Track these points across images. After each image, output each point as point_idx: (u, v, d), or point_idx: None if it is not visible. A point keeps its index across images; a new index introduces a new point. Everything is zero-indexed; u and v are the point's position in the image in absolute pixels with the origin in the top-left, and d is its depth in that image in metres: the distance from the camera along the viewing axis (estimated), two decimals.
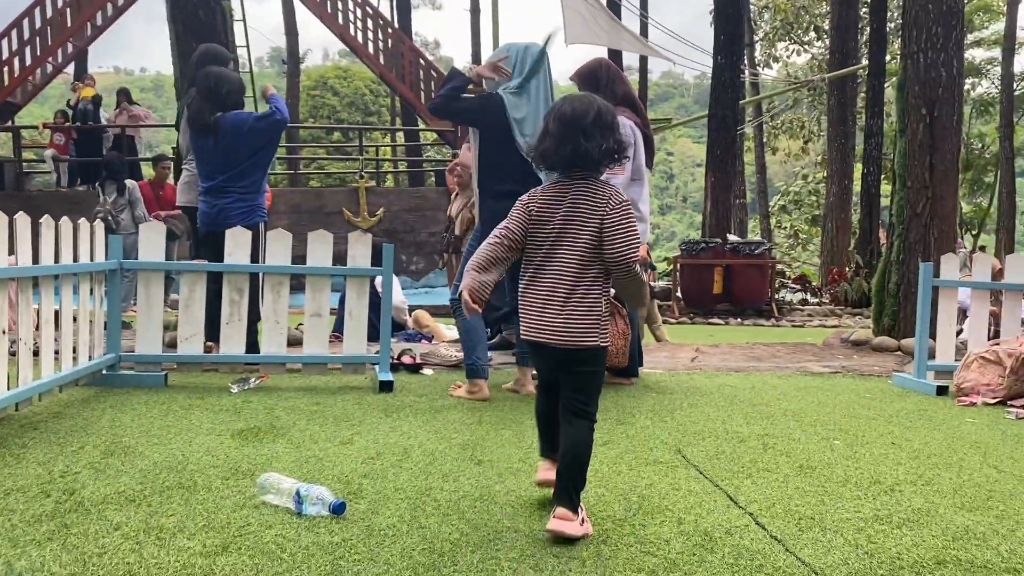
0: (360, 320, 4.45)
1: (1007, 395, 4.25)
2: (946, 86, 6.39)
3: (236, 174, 4.74)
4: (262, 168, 4.94)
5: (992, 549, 2.05)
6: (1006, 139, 26.44)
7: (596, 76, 4.45)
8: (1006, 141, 26.46)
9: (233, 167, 4.72)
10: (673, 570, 1.86)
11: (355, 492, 2.40)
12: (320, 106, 40.08)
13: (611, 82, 4.44)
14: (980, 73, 30.72)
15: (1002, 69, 27.51)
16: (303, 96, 37.23)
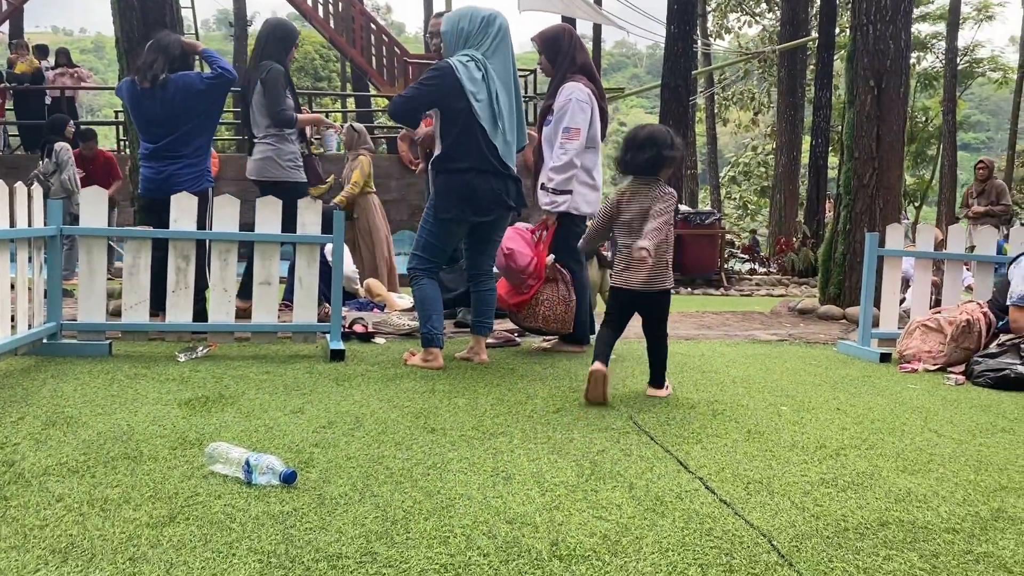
0: (311, 289, 4.38)
1: (947, 362, 4.37)
2: (894, 58, 6.48)
3: (183, 137, 4.61)
4: (209, 131, 4.81)
5: (932, 510, 2.11)
6: (949, 113, 27.04)
7: (559, 42, 4.44)
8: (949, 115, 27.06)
9: (180, 129, 4.59)
10: (625, 534, 1.88)
11: (306, 461, 2.37)
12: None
13: (572, 49, 4.43)
14: (925, 47, 31.26)
15: (946, 43, 28.03)
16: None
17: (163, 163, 4.62)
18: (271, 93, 4.95)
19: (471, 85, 3.85)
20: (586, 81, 4.37)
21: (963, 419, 3.23)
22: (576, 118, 4.26)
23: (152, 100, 4.56)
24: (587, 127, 4.32)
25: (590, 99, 4.33)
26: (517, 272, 4.28)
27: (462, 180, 3.90)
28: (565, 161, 4.25)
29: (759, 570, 1.71)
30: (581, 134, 4.28)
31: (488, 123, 3.89)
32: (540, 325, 4.42)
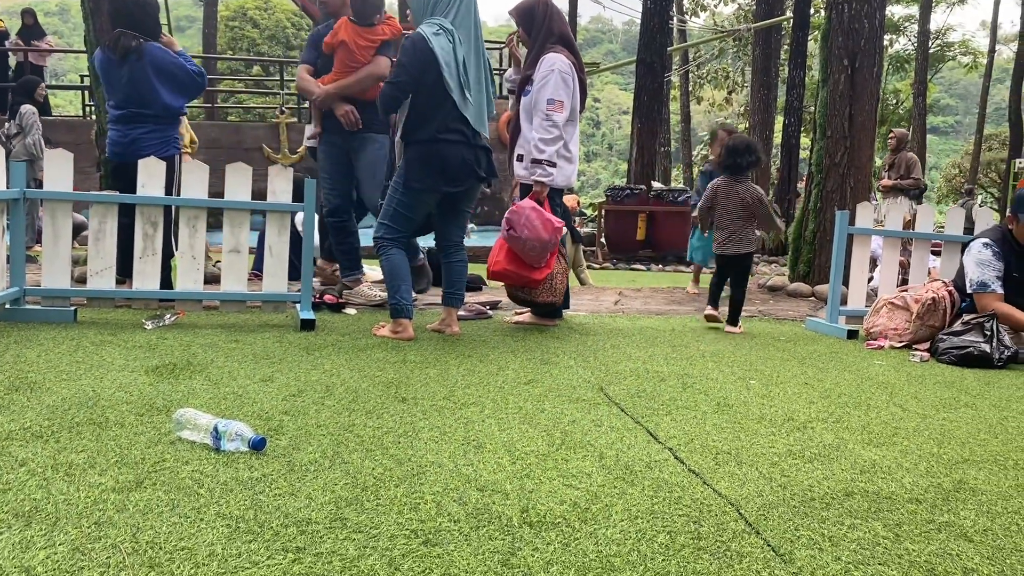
0: (281, 257, 4.34)
1: (913, 339, 4.44)
2: (868, 38, 6.51)
3: (149, 103, 4.52)
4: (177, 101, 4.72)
5: (896, 481, 2.15)
6: (919, 95, 27.30)
7: (532, 13, 4.40)
8: (919, 97, 27.32)
9: (147, 96, 4.50)
10: (594, 502, 1.89)
11: (276, 428, 2.36)
12: (239, 38, 38.54)
13: (547, 19, 4.39)
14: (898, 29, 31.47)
15: (919, 26, 28.23)
16: (221, 27, 35.66)
17: (129, 127, 4.53)
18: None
19: (442, 54, 3.81)
20: (566, 53, 4.34)
21: (927, 394, 3.28)
22: (559, 90, 4.23)
23: (120, 67, 4.47)
24: (570, 99, 4.30)
25: (572, 71, 4.30)
26: (553, 246, 4.23)
27: (434, 150, 3.87)
28: (556, 134, 4.23)
29: (726, 538, 1.73)
30: (565, 106, 4.26)
31: (457, 92, 3.85)
32: (556, 299, 4.41)
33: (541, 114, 4.22)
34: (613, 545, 1.67)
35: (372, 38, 4.74)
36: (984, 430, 2.74)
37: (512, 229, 4.13)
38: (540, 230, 4.11)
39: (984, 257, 4.30)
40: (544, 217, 4.14)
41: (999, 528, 1.86)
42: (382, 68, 4.70)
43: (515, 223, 4.11)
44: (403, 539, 1.65)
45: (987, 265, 4.28)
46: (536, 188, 4.27)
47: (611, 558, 1.61)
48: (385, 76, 4.61)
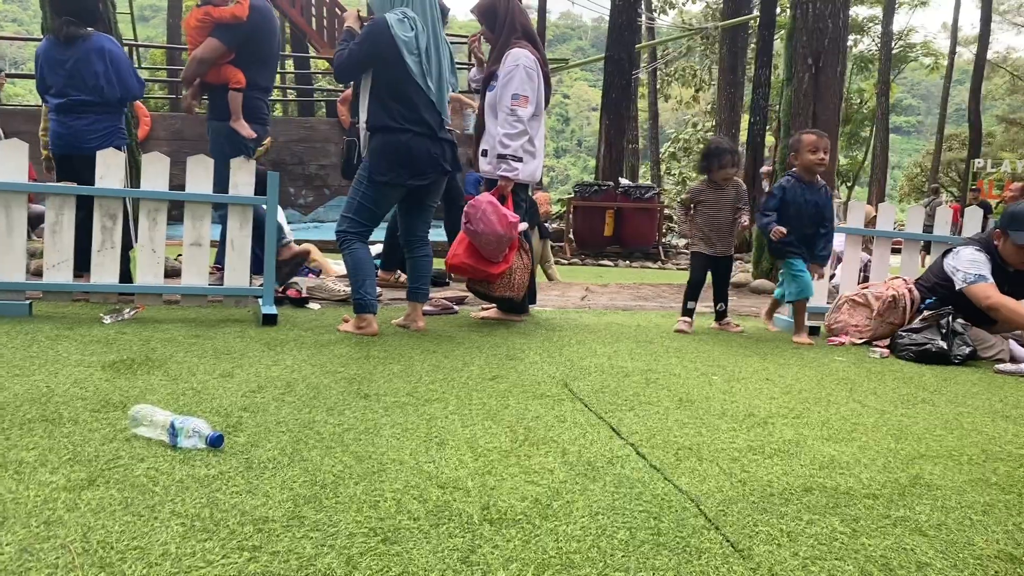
0: (243, 251, 4.28)
1: (873, 336, 4.50)
2: (832, 37, 6.59)
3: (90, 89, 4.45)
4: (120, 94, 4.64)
5: (855, 477, 2.17)
6: (882, 95, 27.71)
7: (495, 9, 4.38)
8: (882, 97, 27.73)
9: (87, 83, 4.43)
10: (556, 498, 1.89)
11: (234, 425, 2.32)
12: None
13: (510, 14, 4.37)
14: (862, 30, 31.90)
15: (882, 27, 28.63)
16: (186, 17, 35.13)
17: (71, 117, 4.47)
18: None
19: (405, 41, 3.78)
20: (531, 48, 4.33)
21: (886, 390, 3.33)
22: (524, 85, 4.22)
23: (63, 53, 4.39)
24: (535, 94, 4.29)
25: (536, 66, 4.30)
26: (509, 241, 4.21)
27: (399, 141, 3.83)
28: (520, 129, 4.22)
29: (686, 534, 1.74)
30: (530, 101, 4.25)
31: (422, 82, 3.83)
32: (514, 294, 4.39)
33: (506, 109, 4.21)
34: (573, 542, 1.67)
35: (203, 19, 4.70)
36: (940, 426, 2.79)
37: (469, 223, 4.12)
38: (496, 224, 4.10)
39: (977, 258, 4.30)
40: (500, 212, 4.12)
41: (953, 522, 1.88)
42: (205, 50, 4.65)
43: (472, 217, 4.11)
44: (361, 537, 1.63)
45: (981, 263, 4.28)
46: (500, 183, 4.25)
47: (571, 555, 1.61)
48: (209, 59, 4.65)
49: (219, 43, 4.65)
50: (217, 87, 4.72)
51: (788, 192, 4.56)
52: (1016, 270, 4.27)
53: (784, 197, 4.56)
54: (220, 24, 4.68)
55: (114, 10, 6.06)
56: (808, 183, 4.56)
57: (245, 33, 4.71)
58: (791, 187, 4.57)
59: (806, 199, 4.54)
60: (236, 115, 4.79)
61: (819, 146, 4.50)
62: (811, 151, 4.51)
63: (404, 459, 2.11)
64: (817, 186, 4.60)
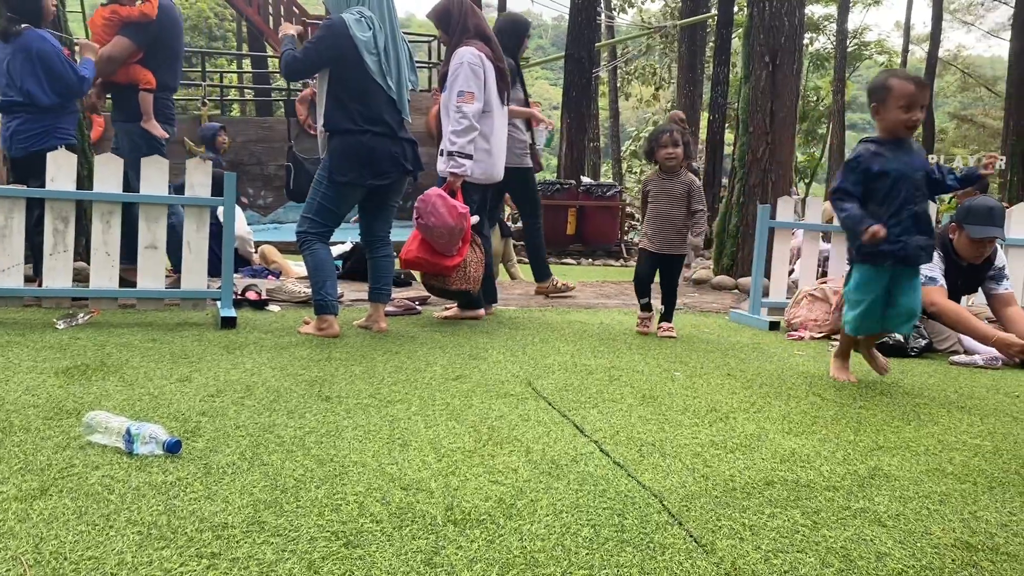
0: (199, 253, 4.21)
1: (832, 329, 4.56)
2: (788, 35, 6.67)
3: (20, 90, 4.35)
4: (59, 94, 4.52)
5: (815, 470, 2.20)
6: (838, 92, 28.16)
7: (449, 13, 4.40)
8: (838, 95, 28.19)
9: (16, 84, 4.33)
10: (520, 497, 1.88)
11: (192, 430, 2.28)
12: None
13: (463, 16, 4.40)
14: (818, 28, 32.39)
15: (837, 25, 29.10)
16: None
17: (7, 118, 4.40)
18: None
19: (363, 41, 3.75)
20: (480, 45, 4.33)
21: (845, 383, 3.37)
22: (469, 82, 4.22)
23: (2, 53, 4.29)
24: (482, 90, 4.28)
25: (482, 61, 4.29)
26: (461, 232, 4.19)
27: (360, 142, 3.80)
28: (466, 125, 4.19)
29: (650, 530, 1.74)
30: (476, 97, 4.24)
31: (382, 81, 3.80)
32: (471, 287, 4.39)
33: (452, 107, 4.22)
34: (537, 541, 1.66)
35: (109, 17, 4.67)
36: (898, 417, 2.83)
37: (420, 217, 4.13)
38: (446, 217, 4.08)
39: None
40: (449, 204, 4.11)
41: (910, 512, 1.91)
42: (115, 49, 4.64)
43: (422, 211, 4.11)
44: (323, 541, 1.61)
45: (933, 264, 4.33)
46: (449, 179, 4.24)
47: (535, 554, 1.60)
48: (119, 58, 4.62)
49: (129, 41, 4.63)
50: (124, 87, 4.68)
51: (872, 161, 3.11)
52: (969, 264, 4.35)
53: (867, 171, 3.10)
54: (129, 22, 4.65)
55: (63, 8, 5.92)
56: (895, 143, 3.14)
57: (154, 32, 4.72)
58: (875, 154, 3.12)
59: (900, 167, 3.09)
60: (148, 116, 4.80)
61: (916, 101, 3.04)
62: (903, 108, 3.05)
63: (366, 461, 2.09)
64: (909, 146, 3.18)
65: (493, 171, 4.45)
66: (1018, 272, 5.01)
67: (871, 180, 3.11)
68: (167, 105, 4.98)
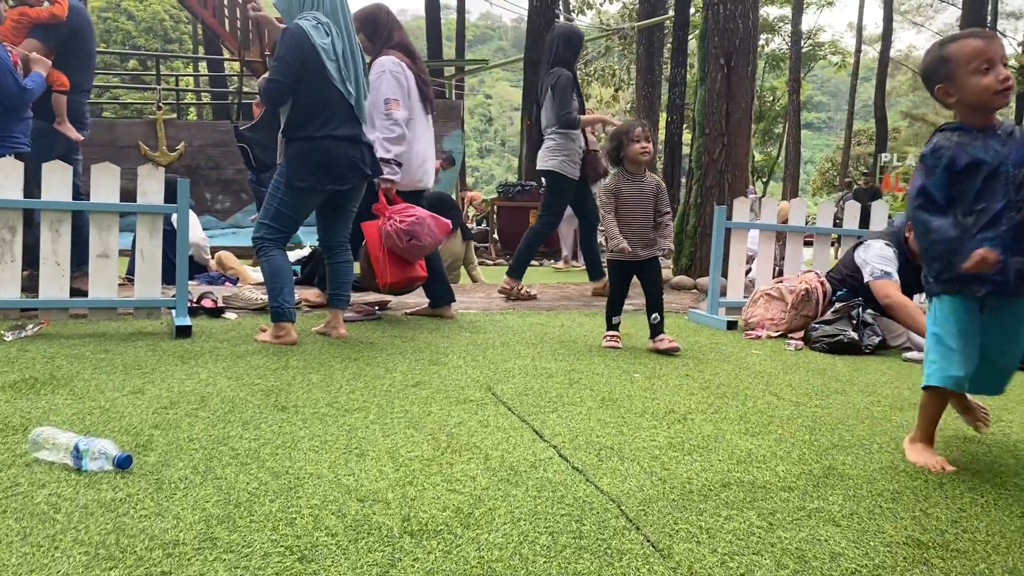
0: (153, 261, 4.14)
1: (788, 328, 4.62)
2: (743, 37, 6.74)
3: None
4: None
5: (771, 470, 2.22)
6: (794, 93, 28.58)
7: (376, 19, 4.54)
8: (793, 95, 28.60)
9: None
10: (478, 506, 1.87)
11: (144, 444, 2.23)
12: (112, 30, 36.77)
13: (389, 27, 4.51)
14: (773, 30, 32.82)
15: (792, 26, 29.52)
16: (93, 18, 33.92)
17: None
18: (559, 97, 5.57)
19: (324, 49, 3.71)
20: (399, 55, 4.43)
21: (801, 382, 3.42)
22: (394, 89, 4.32)
23: None
24: (406, 98, 4.36)
25: (403, 70, 4.40)
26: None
27: (318, 147, 3.76)
28: (399, 133, 4.31)
29: (607, 535, 1.74)
30: (401, 104, 4.31)
31: (342, 87, 3.77)
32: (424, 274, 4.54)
33: (381, 114, 4.28)
34: (495, 550, 1.65)
35: (18, 19, 4.64)
36: (852, 415, 2.87)
37: (416, 239, 4.22)
38: (438, 234, 4.36)
39: (886, 253, 4.43)
40: (439, 221, 4.34)
41: (864, 511, 1.94)
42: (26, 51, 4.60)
43: (419, 234, 4.22)
44: (277, 557, 1.59)
45: (889, 260, 4.41)
46: (383, 186, 4.28)
47: (493, 563, 1.59)
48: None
49: (39, 44, 4.58)
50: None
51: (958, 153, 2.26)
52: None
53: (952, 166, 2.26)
54: (39, 24, 4.59)
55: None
56: (983, 128, 2.29)
57: (65, 33, 4.67)
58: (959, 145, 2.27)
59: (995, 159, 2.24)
60: (61, 118, 4.76)
61: (993, 56, 2.23)
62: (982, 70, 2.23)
63: (322, 473, 2.06)
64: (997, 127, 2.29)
65: (413, 178, 4.51)
66: None
67: (958, 179, 2.26)
68: (81, 108, 4.92)
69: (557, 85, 5.60)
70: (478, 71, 24.75)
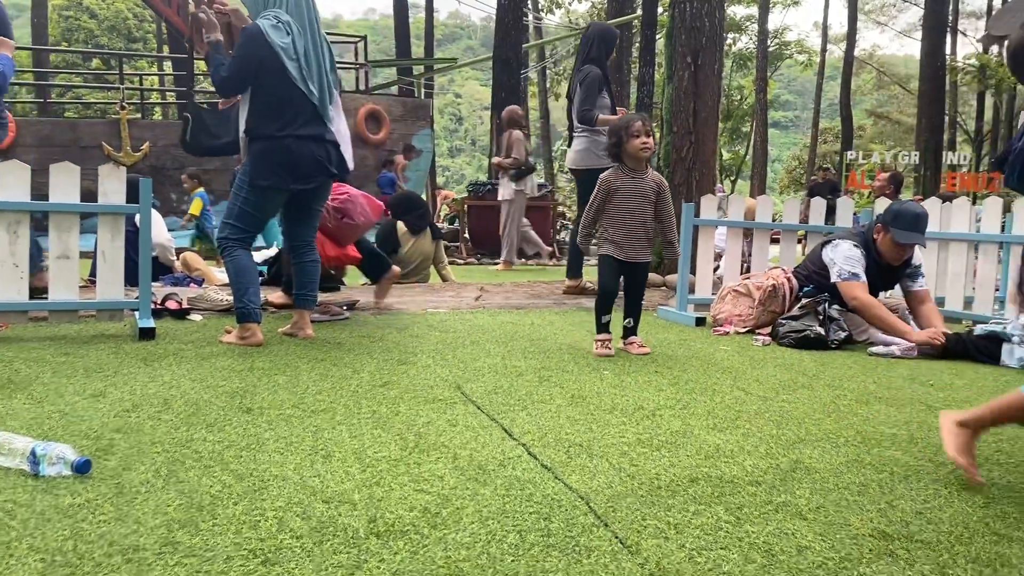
0: (115, 263, 4.07)
1: (755, 324, 4.65)
2: (709, 36, 6.78)
3: None
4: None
5: (739, 465, 2.23)
6: (761, 92, 28.84)
7: None
8: (760, 93, 28.86)
9: None
10: (445, 505, 1.85)
11: (105, 448, 2.19)
12: (75, 29, 36.22)
13: None
14: (740, 29, 33.09)
15: (758, 26, 29.79)
16: (54, 17, 33.40)
17: None
18: (585, 93, 5.67)
19: (282, 47, 3.67)
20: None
21: (768, 377, 3.44)
22: None
23: None
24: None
25: None
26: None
27: (281, 146, 3.72)
28: None
29: (575, 533, 1.73)
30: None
31: (303, 86, 3.73)
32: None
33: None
34: (462, 549, 1.64)
35: None
36: (819, 409, 2.90)
37: (347, 217, 4.32)
38: (371, 215, 4.49)
39: (854, 254, 4.46)
40: (373, 203, 4.47)
41: (831, 504, 1.95)
42: None
43: (352, 212, 4.33)
44: (240, 560, 1.56)
45: (856, 260, 4.44)
46: None
47: (460, 563, 1.58)
48: None
49: None
50: None
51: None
52: (888, 264, 4.50)
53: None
54: None
55: None
56: None
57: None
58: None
59: None
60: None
61: None
62: None
63: (287, 475, 2.03)
64: None
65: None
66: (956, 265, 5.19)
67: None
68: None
69: (585, 81, 5.69)
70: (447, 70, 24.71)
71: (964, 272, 5.27)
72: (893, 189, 9.83)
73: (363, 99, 13.58)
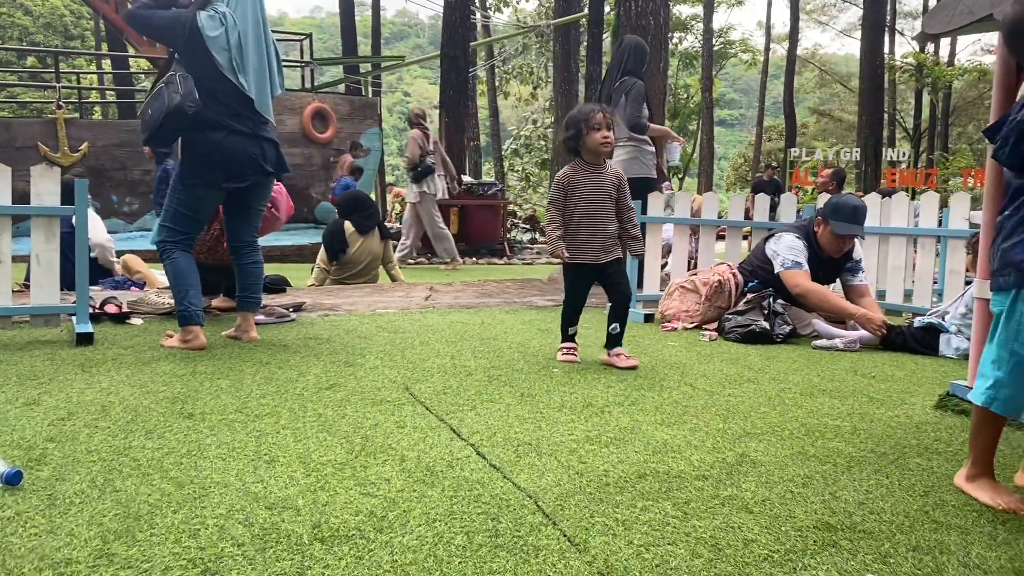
0: (50, 266, 3.94)
1: (702, 320, 4.70)
2: (654, 34, 6.84)
3: None
4: None
5: (686, 460, 2.24)
6: (706, 91, 29.21)
7: None
8: (707, 92, 29.24)
9: None
10: (392, 508, 1.83)
11: (37, 458, 2.11)
12: (8, 26, 35.15)
13: None
14: (686, 28, 33.46)
15: (704, 25, 30.18)
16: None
17: None
18: (633, 103, 5.76)
19: (213, 39, 3.58)
20: None
21: (715, 372, 3.47)
22: None
23: None
24: None
25: None
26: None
27: (212, 141, 3.63)
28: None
29: (524, 532, 1.72)
30: None
31: (233, 78, 3.64)
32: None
33: None
34: (409, 553, 1.61)
35: None
36: (764, 403, 2.93)
37: (275, 207, 4.53)
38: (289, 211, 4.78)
39: (796, 245, 4.55)
40: (289, 202, 4.77)
41: (776, 497, 1.97)
42: None
43: (278, 204, 4.53)
44: (179, 570, 1.51)
45: (799, 251, 4.54)
46: None
47: (406, 566, 1.55)
48: None
49: None
50: None
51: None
52: (830, 257, 4.59)
53: None
54: None
55: None
56: None
57: None
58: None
59: None
60: None
61: None
62: None
63: (229, 481, 1.98)
64: None
65: None
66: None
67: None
68: None
69: (631, 91, 5.80)
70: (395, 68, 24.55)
71: (904, 266, 5.40)
72: (836, 185, 10.03)
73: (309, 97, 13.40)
